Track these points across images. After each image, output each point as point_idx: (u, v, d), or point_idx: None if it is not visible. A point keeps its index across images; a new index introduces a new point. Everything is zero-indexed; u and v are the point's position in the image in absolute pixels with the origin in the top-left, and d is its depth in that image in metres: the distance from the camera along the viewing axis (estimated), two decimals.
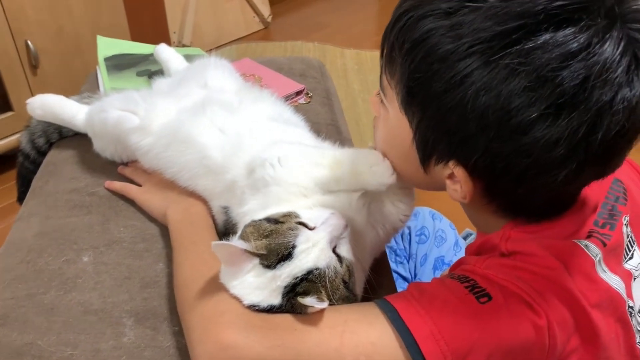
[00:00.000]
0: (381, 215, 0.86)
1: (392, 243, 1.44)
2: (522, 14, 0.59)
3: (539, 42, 0.59)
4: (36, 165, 1.23)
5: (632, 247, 0.80)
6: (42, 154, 1.25)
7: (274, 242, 0.73)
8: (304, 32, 3.48)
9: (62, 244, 0.97)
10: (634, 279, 0.79)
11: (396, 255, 1.42)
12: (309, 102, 1.36)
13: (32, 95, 2.34)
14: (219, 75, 1.16)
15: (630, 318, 0.74)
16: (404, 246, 1.42)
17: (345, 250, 0.76)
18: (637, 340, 0.75)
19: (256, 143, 0.92)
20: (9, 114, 2.28)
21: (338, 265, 0.74)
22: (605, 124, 0.60)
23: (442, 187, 0.74)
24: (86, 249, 0.96)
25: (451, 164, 0.69)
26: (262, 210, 0.80)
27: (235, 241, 0.73)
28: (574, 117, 0.59)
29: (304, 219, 0.75)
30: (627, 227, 0.79)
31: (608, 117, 0.60)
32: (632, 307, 0.75)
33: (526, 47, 0.59)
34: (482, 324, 0.67)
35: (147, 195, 1.04)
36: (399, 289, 0.75)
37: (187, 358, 0.74)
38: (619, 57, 0.59)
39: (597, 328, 0.69)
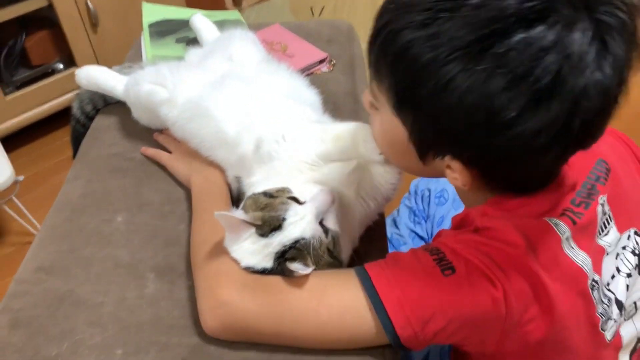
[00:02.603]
0: (372, 188, 0.92)
1: (412, 204, 1.50)
2: (492, 19, 0.61)
3: (512, 44, 0.60)
4: (86, 128, 1.31)
5: (608, 224, 0.84)
6: (90, 118, 1.33)
7: (267, 215, 0.81)
8: None
9: (100, 205, 1.08)
10: (607, 254, 0.83)
11: (415, 215, 1.47)
12: (332, 70, 1.40)
13: (94, 51, 2.51)
14: (243, 48, 1.22)
15: (591, 291, 0.78)
16: (423, 207, 1.48)
17: (331, 223, 0.84)
18: (599, 311, 0.80)
19: (265, 119, 0.99)
20: (73, 69, 2.40)
21: (323, 236, 0.82)
22: (582, 109, 0.62)
23: (443, 175, 0.78)
24: (121, 210, 1.06)
25: (447, 158, 0.73)
26: (265, 182, 0.88)
27: (236, 212, 0.82)
28: (552, 108, 0.62)
29: (295, 194, 0.83)
30: (602, 206, 0.83)
31: (584, 102, 0.62)
32: (596, 281, 0.80)
33: (500, 50, 0.61)
34: (444, 295, 0.74)
35: (175, 162, 1.13)
36: (415, 247, 0.84)
37: (196, 309, 0.84)
38: (587, 45, 0.61)
39: (554, 300, 0.74)
